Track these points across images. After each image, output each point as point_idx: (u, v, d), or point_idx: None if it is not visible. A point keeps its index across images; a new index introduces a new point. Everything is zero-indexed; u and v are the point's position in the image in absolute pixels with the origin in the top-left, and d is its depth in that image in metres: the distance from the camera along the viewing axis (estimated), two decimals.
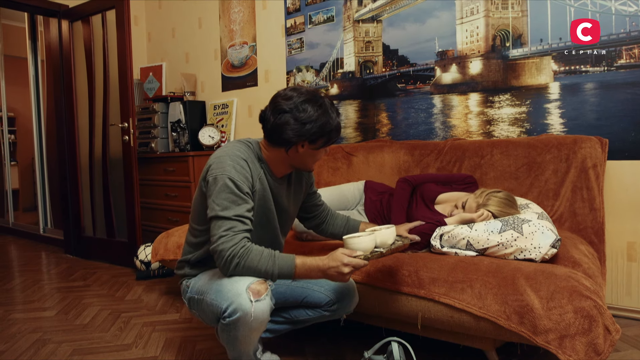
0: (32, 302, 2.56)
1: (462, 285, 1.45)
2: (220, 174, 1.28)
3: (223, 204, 1.26)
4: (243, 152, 1.36)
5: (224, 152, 1.36)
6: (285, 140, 1.34)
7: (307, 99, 1.33)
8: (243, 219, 1.27)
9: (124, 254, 3.27)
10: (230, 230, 1.24)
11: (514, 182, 2.10)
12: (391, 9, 2.70)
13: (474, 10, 2.40)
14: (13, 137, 5.91)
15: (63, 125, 3.69)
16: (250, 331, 1.28)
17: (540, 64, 2.25)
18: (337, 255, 1.25)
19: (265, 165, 1.42)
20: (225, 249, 1.22)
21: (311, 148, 1.37)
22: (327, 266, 1.25)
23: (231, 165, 1.30)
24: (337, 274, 1.25)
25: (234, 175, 1.29)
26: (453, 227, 1.65)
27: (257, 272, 1.25)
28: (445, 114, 2.54)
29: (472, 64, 2.43)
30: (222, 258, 1.23)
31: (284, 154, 1.39)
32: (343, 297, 1.53)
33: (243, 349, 1.36)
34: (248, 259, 1.23)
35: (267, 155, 1.42)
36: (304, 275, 1.28)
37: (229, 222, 1.24)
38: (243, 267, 1.23)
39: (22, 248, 4.25)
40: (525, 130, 2.30)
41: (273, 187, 1.44)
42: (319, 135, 1.35)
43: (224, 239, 1.23)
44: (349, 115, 2.93)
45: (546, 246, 1.51)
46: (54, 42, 3.72)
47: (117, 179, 3.43)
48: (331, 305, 1.52)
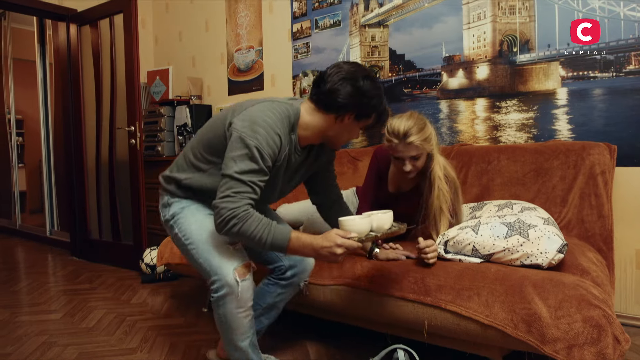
0: (38, 305, 2.57)
1: (469, 293, 1.44)
2: (250, 140, 1.26)
3: (242, 169, 1.26)
4: (279, 125, 1.32)
5: (261, 114, 1.31)
6: (337, 106, 1.34)
7: (369, 76, 1.36)
8: (255, 187, 1.28)
9: (129, 257, 3.28)
10: (239, 194, 1.25)
11: (521, 188, 2.08)
12: (398, 14, 2.70)
13: (481, 15, 2.40)
14: (21, 140, 5.95)
15: (70, 128, 3.72)
16: (237, 309, 1.34)
17: (548, 70, 2.24)
18: (331, 235, 1.26)
19: (295, 136, 1.40)
20: (227, 209, 1.24)
21: (354, 122, 1.38)
22: (320, 245, 1.26)
23: (264, 137, 1.28)
24: (330, 254, 1.26)
25: (264, 147, 1.27)
26: (458, 233, 1.64)
27: (251, 238, 1.26)
28: (452, 119, 2.53)
29: (479, 69, 2.43)
30: (221, 216, 1.25)
31: (326, 122, 1.38)
32: (295, 263, 1.61)
33: (233, 336, 1.39)
34: (246, 223, 1.25)
35: (306, 121, 1.40)
36: (296, 250, 1.29)
37: (241, 185, 1.26)
38: (239, 230, 1.25)
39: (28, 250, 4.28)
40: (532, 136, 2.28)
41: (292, 158, 1.43)
42: (370, 111, 1.37)
43: (229, 199, 1.24)
44: None
45: (553, 251, 1.49)
46: (62, 46, 3.75)
47: (123, 182, 3.44)
48: (284, 272, 1.60)
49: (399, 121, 1.64)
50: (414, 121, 1.64)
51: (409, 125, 1.62)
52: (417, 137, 1.62)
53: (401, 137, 1.62)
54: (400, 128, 1.62)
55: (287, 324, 2.17)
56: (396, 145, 1.65)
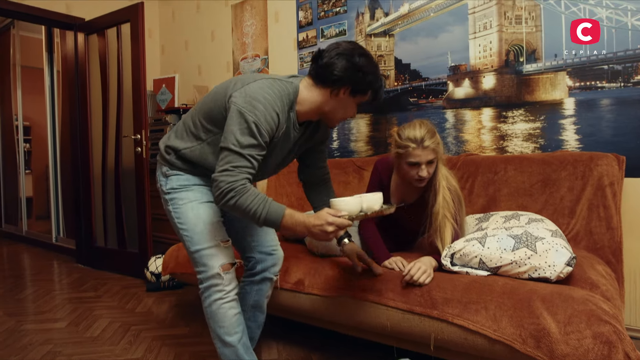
0: (43, 313, 2.57)
1: (477, 307, 1.43)
2: (249, 114, 1.29)
3: (242, 143, 1.29)
4: (278, 102, 1.35)
5: (261, 90, 1.34)
6: (333, 79, 1.36)
7: (365, 54, 1.38)
8: (253, 161, 1.31)
9: (134, 265, 3.28)
10: (237, 168, 1.29)
11: (528, 199, 2.07)
12: (403, 24, 2.70)
13: (487, 25, 2.39)
14: (28, 146, 5.99)
15: (77, 135, 3.74)
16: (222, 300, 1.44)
17: (555, 80, 2.22)
18: (323, 214, 1.29)
19: (293, 113, 1.42)
20: (226, 182, 1.28)
21: (350, 97, 1.40)
22: (313, 224, 1.29)
23: (262, 113, 1.30)
24: (321, 232, 1.28)
25: (262, 123, 1.30)
26: (464, 245, 1.63)
27: (247, 211, 1.29)
28: (458, 128, 2.52)
29: (485, 78, 2.42)
30: (219, 189, 1.28)
31: (323, 97, 1.40)
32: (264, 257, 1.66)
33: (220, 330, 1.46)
34: (243, 197, 1.28)
35: (304, 97, 1.42)
36: (289, 227, 1.31)
37: (240, 159, 1.29)
38: (236, 203, 1.28)
39: (34, 257, 4.29)
40: (539, 146, 2.27)
41: (292, 134, 1.46)
42: (365, 87, 1.38)
43: (228, 173, 1.28)
44: (361, 129, 2.92)
45: (561, 264, 1.47)
46: (70, 54, 3.78)
47: (128, 190, 3.45)
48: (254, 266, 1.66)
49: (412, 128, 1.68)
50: (426, 127, 1.68)
51: (423, 131, 1.66)
52: (432, 141, 1.65)
53: (418, 142, 1.64)
54: (417, 134, 1.65)
55: (295, 334, 2.16)
56: (413, 150, 1.65)
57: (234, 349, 1.47)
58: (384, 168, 1.91)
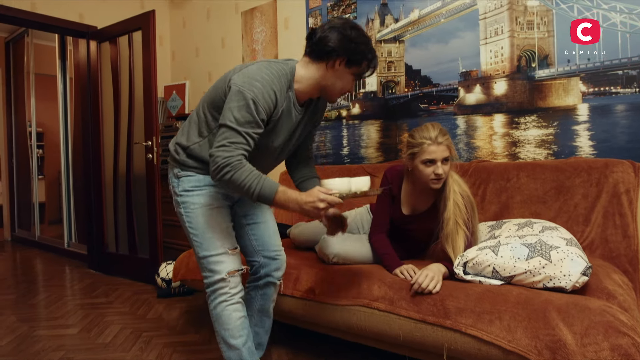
0: (55, 319, 2.59)
1: (490, 317, 1.41)
2: (247, 92, 1.33)
3: (239, 120, 1.33)
4: (276, 82, 1.39)
5: (259, 71, 1.38)
6: (327, 51, 1.39)
7: (357, 27, 1.43)
8: (249, 139, 1.34)
9: (145, 270, 3.29)
10: (234, 145, 1.32)
11: (542, 206, 2.04)
12: (414, 30, 2.69)
13: (499, 30, 2.38)
14: (41, 152, 6.08)
15: (89, 141, 3.78)
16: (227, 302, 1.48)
17: (568, 85, 2.20)
18: (314, 192, 1.33)
19: (292, 93, 1.46)
20: (222, 157, 1.31)
21: (346, 69, 1.42)
22: (305, 201, 1.32)
23: (260, 90, 1.34)
24: (313, 209, 1.31)
25: (259, 100, 1.34)
26: (477, 254, 1.61)
27: (241, 186, 1.32)
28: (469, 135, 2.51)
29: (497, 84, 2.40)
30: (216, 164, 1.32)
31: (319, 71, 1.43)
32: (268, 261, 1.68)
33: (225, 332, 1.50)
34: (238, 172, 1.31)
35: (301, 74, 1.45)
36: (282, 203, 1.34)
37: (237, 136, 1.32)
38: (231, 178, 1.31)
39: (47, 262, 4.34)
40: (552, 152, 2.24)
41: (293, 114, 1.49)
42: (359, 57, 1.41)
43: (225, 148, 1.32)
44: (371, 135, 2.91)
45: (577, 274, 1.45)
46: (82, 61, 3.83)
47: (140, 196, 3.48)
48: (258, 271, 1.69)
49: (425, 128, 1.71)
50: (438, 127, 1.71)
51: (436, 130, 1.69)
52: (445, 139, 1.68)
53: (433, 139, 1.67)
54: (430, 131, 1.68)
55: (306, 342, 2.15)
56: (428, 146, 1.67)
57: (238, 352, 1.51)
58: (394, 177, 1.90)
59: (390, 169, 1.94)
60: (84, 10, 3.69)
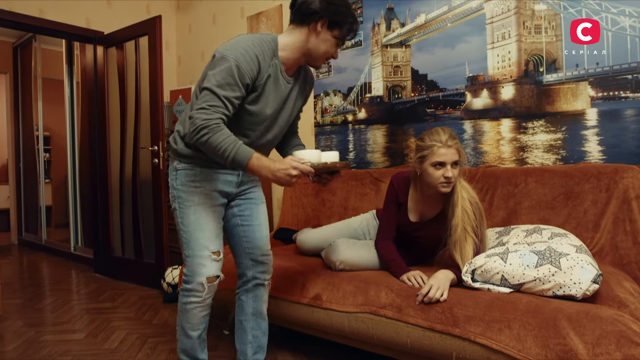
0: (62, 324, 2.59)
1: (500, 325, 1.39)
2: (229, 56, 1.38)
3: (220, 82, 1.37)
4: (257, 47, 1.43)
5: (240, 39, 1.44)
6: (310, 13, 1.45)
7: None
8: (229, 103, 1.38)
9: (151, 275, 3.30)
10: (213, 108, 1.36)
11: (550, 212, 2.02)
12: (420, 34, 2.68)
13: (506, 35, 2.37)
14: (48, 156, 6.11)
15: (95, 145, 3.80)
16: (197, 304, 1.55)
17: (576, 90, 2.18)
18: (287, 160, 1.38)
19: (278, 60, 1.50)
20: (201, 119, 1.35)
21: (328, 31, 1.47)
22: (277, 168, 1.36)
23: (242, 54, 1.39)
24: (285, 175, 1.36)
25: (242, 63, 1.38)
26: (485, 261, 1.59)
27: (217, 149, 1.35)
28: (476, 139, 2.49)
29: (504, 89, 2.39)
30: (194, 125, 1.36)
31: (302, 35, 1.48)
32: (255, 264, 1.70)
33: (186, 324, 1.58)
34: (215, 135, 1.35)
35: (286, 42, 1.50)
36: (255, 169, 1.37)
37: (217, 99, 1.37)
38: (208, 140, 1.35)
39: (53, 266, 4.35)
40: (561, 157, 2.22)
41: (282, 83, 1.53)
42: (340, 18, 1.45)
43: (204, 111, 1.36)
44: (377, 139, 2.90)
45: (587, 282, 1.43)
46: (89, 66, 3.85)
47: (146, 201, 3.48)
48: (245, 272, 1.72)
49: (435, 132, 1.71)
50: (448, 131, 1.71)
51: (446, 133, 1.69)
52: (455, 142, 1.69)
53: (444, 142, 1.67)
54: (441, 134, 1.69)
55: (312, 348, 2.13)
56: (438, 148, 1.67)
57: (192, 341, 1.62)
58: (400, 183, 1.89)
59: (397, 176, 1.93)
60: (91, 15, 3.71)
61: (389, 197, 1.92)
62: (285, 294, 1.92)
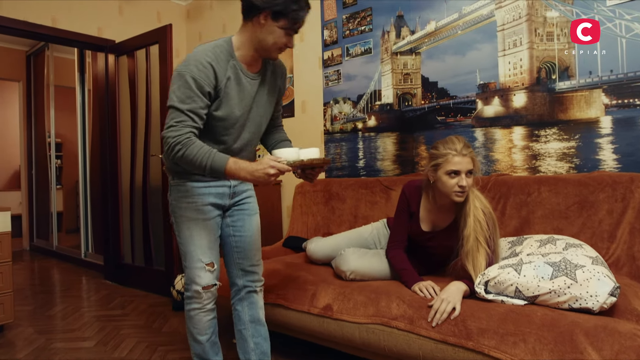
0: (72, 331, 2.60)
1: (514, 339, 1.37)
2: (183, 71, 1.42)
3: (180, 97, 1.40)
4: (209, 55, 1.46)
5: (193, 52, 1.47)
6: (251, 7, 1.45)
7: None
8: (194, 115, 1.42)
9: (161, 282, 3.30)
10: (181, 123, 1.40)
11: (564, 222, 1.99)
12: (430, 42, 2.67)
13: (517, 42, 2.35)
14: (59, 162, 6.18)
15: (106, 152, 3.83)
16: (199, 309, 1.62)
17: (590, 97, 2.15)
18: (264, 159, 1.39)
19: (236, 61, 1.52)
20: (172, 137, 1.39)
21: (273, 22, 1.46)
22: (255, 168, 1.38)
23: (194, 65, 1.42)
24: (264, 175, 1.37)
25: (195, 73, 1.41)
26: (499, 273, 1.57)
27: (194, 162, 1.39)
28: (488, 147, 2.47)
29: (516, 96, 2.36)
30: (168, 144, 1.40)
31: (250, 30, 1.49)
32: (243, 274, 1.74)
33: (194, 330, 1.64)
34: (189, 149, 1.38)
35: (238, 40, 1.52)
36: (233, 172, 1.39)
37: (181, 115, 1.40)
38: (183, 155, 1.39)
39: (64, 272, 4.38)
40: (574, 166, 2.19)
41: (246, 83, 1.54)
42: (282, 8, 1.43)
43: (173, 129, 1.39)
44: (387, 147, 2.89)
45: (604, 294, 1.40)
46: (101, 74, 3.89)
47: (156, 208, 3.50)
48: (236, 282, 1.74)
49: (450, 140, 1.70)
50: (463, 140, 1.70)
51: (461, 142, 1.68)
52: (470, 151, 1.67)
53: (459, 150, 1.66)
54: (455, 143, 1.67)
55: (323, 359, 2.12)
56: (453, 157, 1.66)
57: (202, 346, 1.66)
58: (412, 193, 1.88)
59: (409, 185, 1.91)
60: (103, 24, 3.75)
61: (401, 207, 1.91)
62: (296, 304, 1.91)
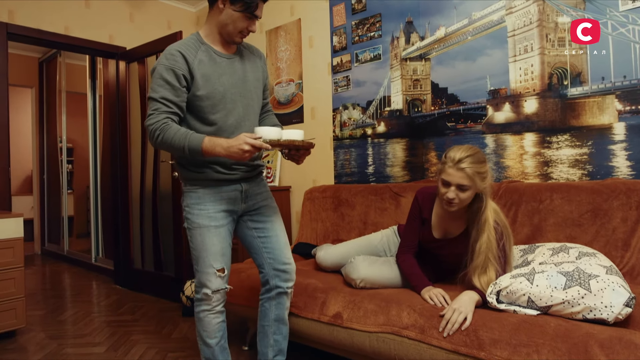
0: (83, 337, 2.62)
1: (527, 350, 1.35)
2: (156, 65, 1.54)
3: (154, 88, 1.51)
4: (177, 46, 1.54)
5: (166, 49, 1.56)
6: None
7: None
8: (168, 102, 1.50)
9: (170, 288, 3.31)
10: (156, 110, 1.50)
11: (577, 230, 1.96)
12: (440, 47, 2.67)
13: (528, 47, 2.33)
14: (70, 167, 6.24)
15: (117, 157, 3.86)
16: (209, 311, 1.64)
17: (603, 103, 2.13)
18: (241, 136, 1.43)
19: (207, 46, 1.60)
20: (150, 124, 1.49)
21: (231, 9, 1.53)
22: (230, 144, 1.42)
23: (165, 57, 1.52)
24: (238, 150, 1.41)
25: (166, 63, 1.51)
26: (511, 282, 1.55)
27: (172, 144, 1.47)
28: (499, 154, 2.45)
29: (527, 103, 2.34)
30: (149, 131, 1.50)
31: (213, 17, 1.58)
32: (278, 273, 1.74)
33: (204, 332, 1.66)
34: (166, 133, 1.47)
35: (207, 29, 1.61)
36: (210, 149, 1.45)
37: (156, 103, 1.50)
38: (162, 139, 1.48)
39: (75, 276, 4.42)
40: (587, 172, 2.17)
41: (224, 62, 1.61)
42: None
43: (151, 117, 1.50)
44: (397, 154, 2.88)
45: (619, 305, 1.38)
46: (112, 80, 3.93)
47: (165, 213, 3.51)
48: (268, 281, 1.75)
49: (458, 149, 1.66)
50: (472, 152, 1.63)
51: (465, 154, 1.62)
52: (470, 166, 1.60)
53: (455, 161, 1.61)
54: (457, 154, 1.63)
55: None
56: (448, 167, 1.63)
57: (211, 350, 1.68)
58: (424, 199, 1.86)
59: (422, 191, 1.90)
60: (114, 32, 3.79)
61: (413, 213, 1.89)
62: (306, 312, 1.90)
